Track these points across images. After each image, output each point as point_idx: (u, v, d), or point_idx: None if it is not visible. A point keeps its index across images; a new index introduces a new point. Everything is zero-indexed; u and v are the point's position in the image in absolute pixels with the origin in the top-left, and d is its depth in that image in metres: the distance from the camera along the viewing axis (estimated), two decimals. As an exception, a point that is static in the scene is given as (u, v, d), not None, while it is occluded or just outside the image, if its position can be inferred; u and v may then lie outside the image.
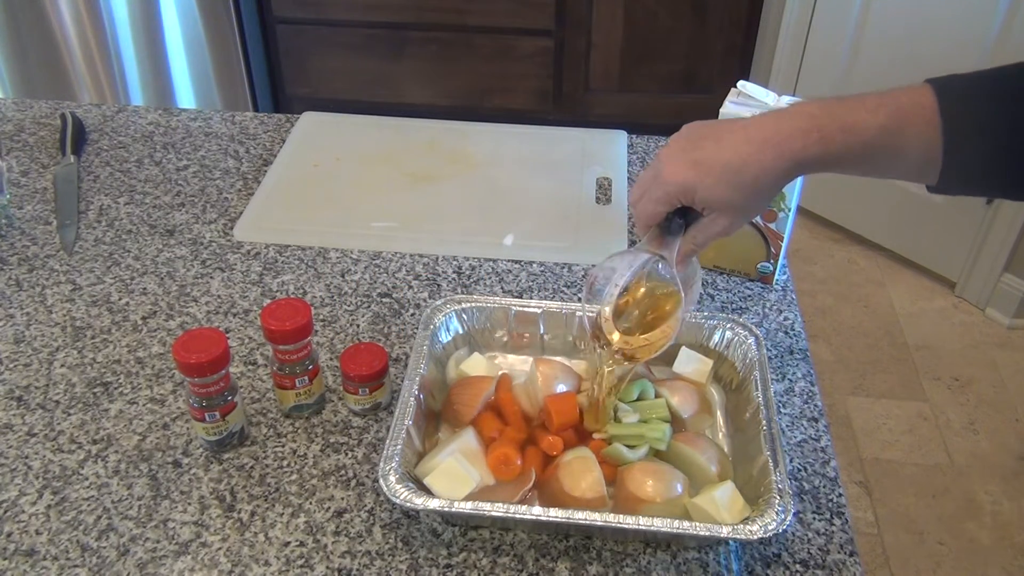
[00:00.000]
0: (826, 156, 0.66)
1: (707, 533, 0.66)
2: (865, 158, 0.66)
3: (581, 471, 0.71)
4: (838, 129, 0.65)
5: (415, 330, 0.91)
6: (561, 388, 0.79)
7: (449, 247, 1.05)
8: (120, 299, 0.96)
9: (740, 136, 0.68)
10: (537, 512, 0.67)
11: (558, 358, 0.85)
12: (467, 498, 0.70)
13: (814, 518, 0.74)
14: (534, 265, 1.02)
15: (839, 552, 0.71)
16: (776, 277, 1.00)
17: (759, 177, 0.67)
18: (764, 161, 0.66)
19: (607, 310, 0.78)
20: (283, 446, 0.80)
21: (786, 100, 0.92)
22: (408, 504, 0.67)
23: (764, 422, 0.74)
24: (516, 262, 1.03)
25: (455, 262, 1.03)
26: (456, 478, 0.71)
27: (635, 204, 0.74)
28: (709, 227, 0.72)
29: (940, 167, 0.64)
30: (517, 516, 0.67)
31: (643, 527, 0.66)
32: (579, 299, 0.97)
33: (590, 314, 0.79)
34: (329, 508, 0.74)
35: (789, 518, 0.66)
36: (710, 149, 0.69)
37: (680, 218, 0.74)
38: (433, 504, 0.68)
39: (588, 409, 0.78)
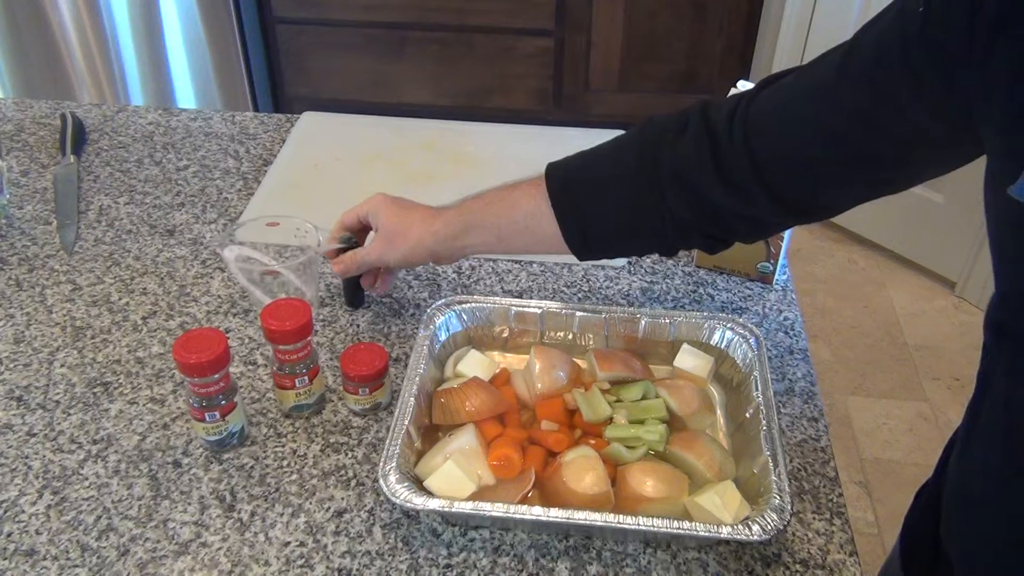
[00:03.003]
0: (460, 221, 0.83)
1: (707, 533, 0.66)
2: (486, 219, 0.83)
3: (584, 468, 0.72)
4: (471, 201, 0.85)
5: (415, 330, 0.91)
6: (559, 376, 0.80)
7: (449, 247, 1.04)
8: (120, 299, 0.96)
9: (425, 211, 0.87)
10: (537, 512, 0.67)
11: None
12: (467, 498, 0.70)
13: (814, 518, 0.74)
14: (534, 265, 1.02)
15: (839, 552, 0.71)
16: (776, 277, 1.00)
17: (412, 226, 0.86)
18: (421, 216, 0.86)
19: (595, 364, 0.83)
20: (283, 446, 0.80)
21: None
22: (408, 504, 0.67)
23: (764, 422, 0.74)
24: (516, 262, 1.03)
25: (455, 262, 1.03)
26: (456, 480, 0.71)
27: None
28: (368, 244, 0.89)
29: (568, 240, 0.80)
30: (517, 516, 0.67)
31: (643, 527, 0.66)
32: (579, 299, 0.97)
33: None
34: (329, 508, 0.74)
35: (789, 518, 0.66)
36: (407, 204, 0.88)
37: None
38: (433, 504, 0.68)
39: (583, 401, 0.78)
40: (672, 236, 0.77)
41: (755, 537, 0.65)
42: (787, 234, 0.96)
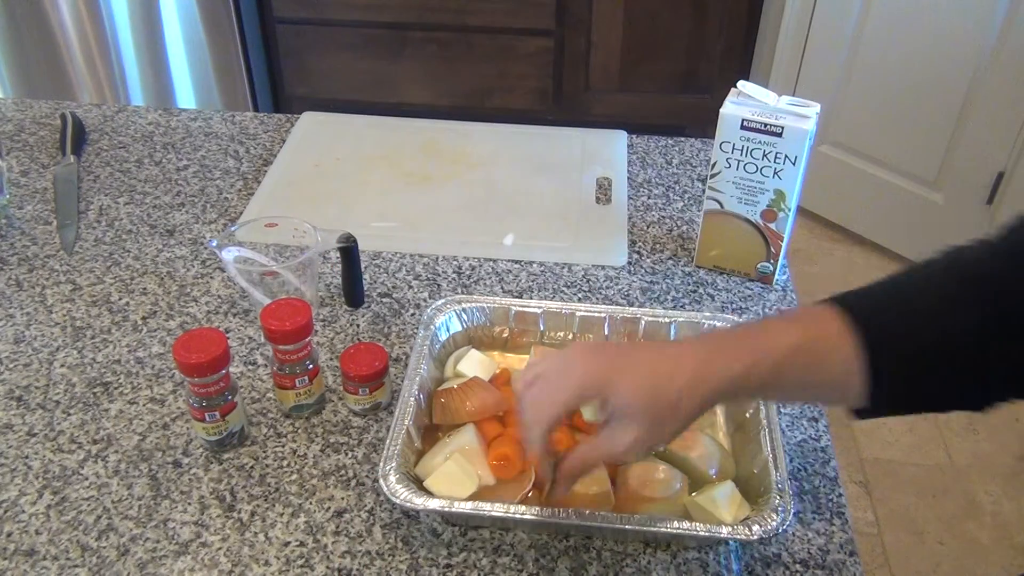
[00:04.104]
0: (743, 381, 0.60)
1: (707, 533, 0.66)
2: (782, 376, 0.61)
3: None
4: (753, 350, 0.61)
5: (415, 330, 0.91)
6: None
7: (449, 247, 1.05)
8: (120, 299, 0.96)
9: (655, 352, 0.64)
10: (537, 512, 0.67)
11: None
12: (467, 498, 0.70)
13: (814, 518, 0.74)
14: (534, 265, 1.02)
15: (839, 552, 0.71)
16: (776, 277, 1.00)
17: (679, 398, 0.59)
18: (684, 383, 0.59)
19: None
20: (283, 446, 0.80)
21: (786, 100, 0.92)
22: (408, 504, 0.67)
23: (764, 422, 0.74)
24: (516, 262, 1.03)
25: (455, 262, 1.03)
26: (456, 480, 0.71)
27: (528, 409, 0.63)
28: (613, 436, 0.61)
29: (863, 384, 0.60)
30: (517, 516, 0.67)
31: (643, 527, 0.66)
32: (579, 299, 0.97)
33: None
34: (329, 508, 0.74)
35: (789, 518, 0.66)
36: (624, 352, 0.64)
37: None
38: (433, 504, 0.68)
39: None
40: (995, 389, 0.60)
41: (755, 537, 0.65)
42: (787, 234, 0.96)
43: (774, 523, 0.66)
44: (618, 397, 0.60)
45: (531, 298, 0.97)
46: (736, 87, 0.94)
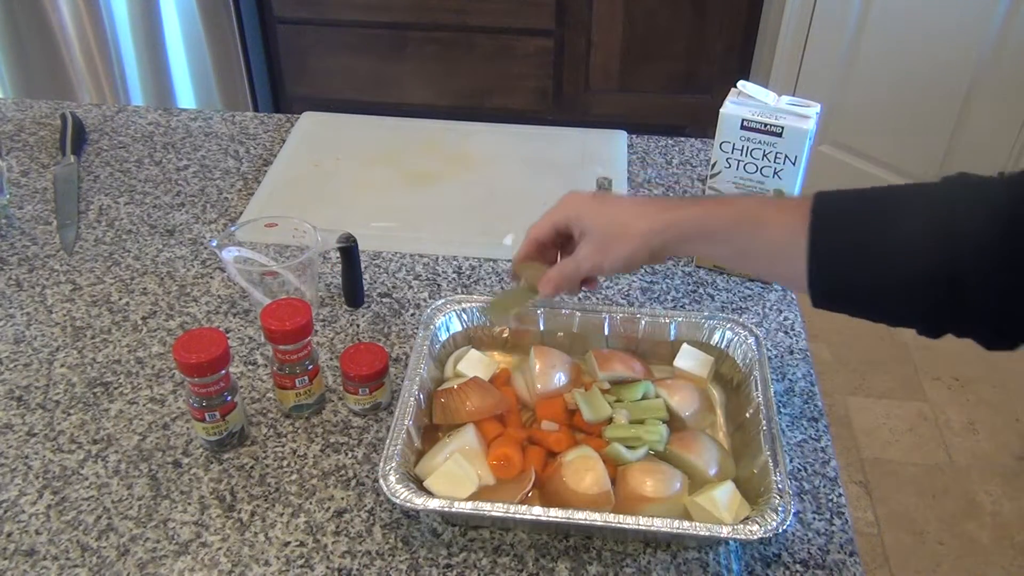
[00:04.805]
0: (696, 221, 0.71)
1: (707, 533, 0.66)
2: (731, 229, 0.70)
3: (585, 468, 0.72)
4: (712, 202, 0.74)
5: (415, 330, 0.91)
6: (559, 376, 0.80)
7: (449, 247, 1.05)
8: (120, 299, 0.96)
9: (632, 199, 0.79)
10: (537, 512, 0.67)
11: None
12: (467, 498, 0.70)
13: (814, 518, 0.74)
14: (534, 265, 1.02)
15: (839, 552, 0.71)
16: (776, 277, 1.00)
17: (630, 223, 0.73)
18: (640, 211, 0.74)
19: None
20: (283, 446, 0.80)
21: (786, 100, 0.92)
22: (408, 504, 0.67)
23: (764, 422, 0.74)
24: (516, 262, 1.03)
25: (455, 262, 1.03)
26: (456, 480, 0.71)
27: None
28: (577, 253, 0.76)
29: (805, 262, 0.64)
30: (517, 516, 0.67)
31: (643, 527, 0.66)
32: (579, 299, 0.97)
33: None
34: (329, 508, 0.74)
35: (789, 518, 0.66)
36: (609, 198, 0.79)
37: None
38: (433, 504, 0.68)
39: (583, 401, 0.78)
40: (952, 317, 0.61)
41: (755, 537, 0.65)
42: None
43: (774, 523, 0.66)
44: (583, 219, 0.75)
45: (531, 298, 0.97)
46: (736, 87, 0.94)
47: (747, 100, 0.93)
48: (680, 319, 0.86)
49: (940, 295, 0.60)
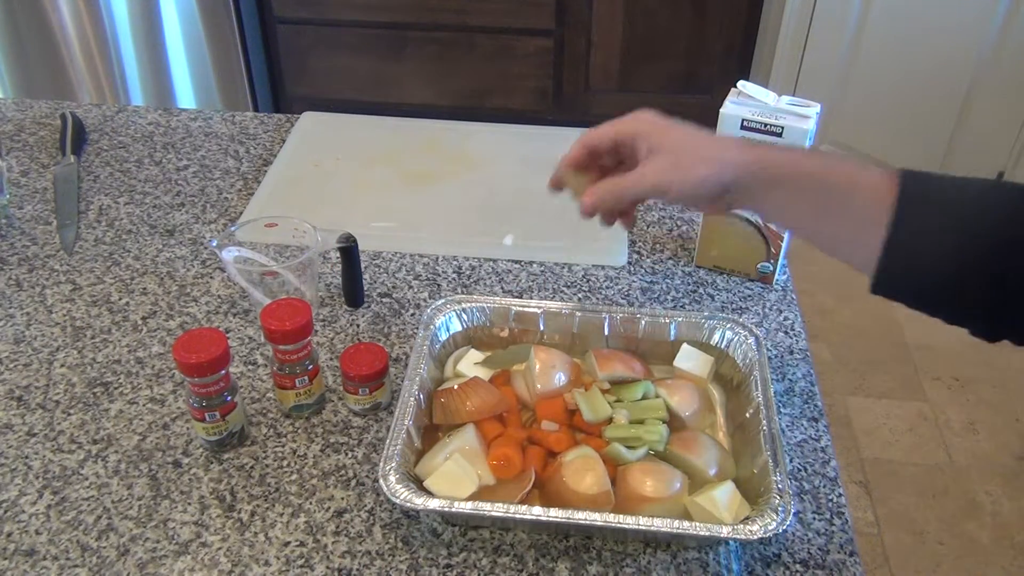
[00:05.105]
0: (780, 165, 0.66)
1: (707, 533, 0.66)
2: (817, 181, 0.65)
3: (585, 468, 0.72)
4: (798, 151, 0.69)
5: (415, 330, 0.91)
6: (559, 376, 0.80)
7: (449, 247, 1.05)
8: (120, 299, 0.96)
9: (715, 136, 0.71)
10: (537, 512, 0.67)
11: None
12: (467, 498, 0.70)
13: (814, 518, 0.74)
14: (534, 265, 1.02)
15: (839, 552, 0.71)
16: (776, 277, 1.00)
17: (712, 145, 0.68)
18: (722, 141, 0.69)
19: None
20: (283, 446, 0.80)
21: (786, 100, 0.92)
22: (408, 504, 0.67)
23: (764, 422, 0.74)
24: (516, 262, 1.03)
25: (455, 262, 1.03)
26: (456, 480, 0.71)
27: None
28: (644, 167, 0.69)
29: (884, 239, 0.60)
30: (517, 516, 0.67)
31: (643, 527, 0.66)
32: (579, 299, 0.97)
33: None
34: (329, 508, 0.74)
35: (789, 518, 0.66)
36: (689, 126, 0.71)
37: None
38: (433, 504, 0.68)
39: (583, 401, 0.78)
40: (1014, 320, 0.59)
41: (755, 537, 0.65)
42: (787, 234, 0.96)
43: (774, 523, 0.66)
44: (659, 132, 0.69)
45: (531, 298, 0.97)
46: (736, 87, 0.94)
47: (747, 100, 0.93)
48: (680, 319, 0.86)
49: (1007, 297, 0.58)
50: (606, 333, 0.86)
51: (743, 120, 0.91)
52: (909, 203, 0.59)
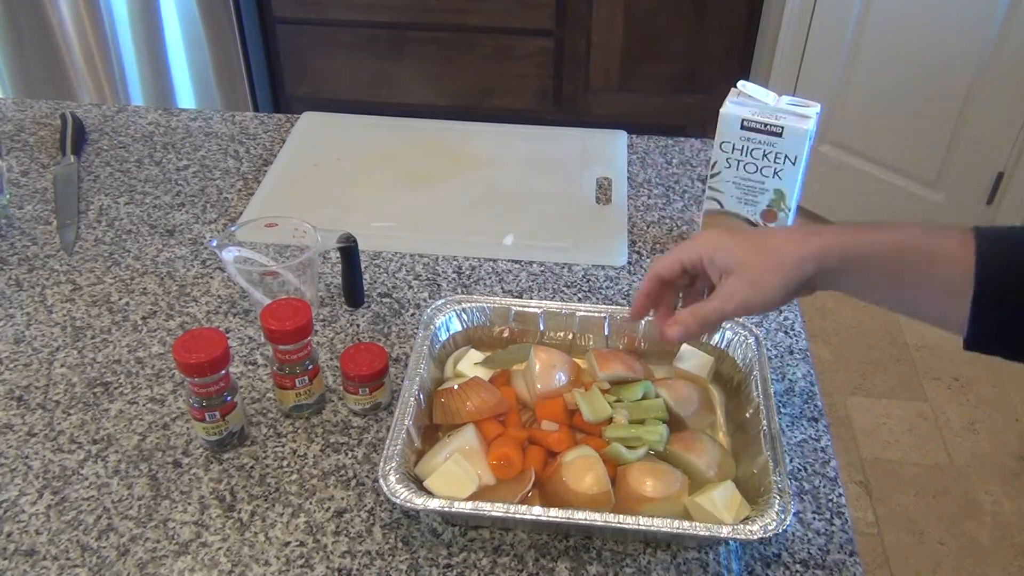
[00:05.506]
0: (856, 248, 0.66)
1: (707, 533, 0.66)
2: (894, 259, 0.65)
3: (585, 468, 0.72)
4: (867, 228, 0.66)
5: (415, 330, 0.91)
6: (559, 376, 0.80)
7: (449, 247, 1.05)
8: (120, 299, 0.96)
9: (782, 231, 0.70)
10: (537, 512, 0.67)
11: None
12: (467, 498, 0.70)
13: (814, 518, 0.74)
14: (534, 265, 1.02)
15: (839, 552, 0.71)
16: (776, 277, 1.00)
17: (781, 249, 0.67)
18: (788, 238, 0.67)
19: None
20: (283, 446, 0.80)
21: (786, 100, 0.92)
22: (408, 504, 0.67)
23: (764, 422, 0.74)
24: (516, 262, 1.03)
25: (455, 262, 1.03)
26: (456, 480, 0.71)
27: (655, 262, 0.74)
28: (721, 292, 0.69)
29: (970, 296, 0.61)
30: (517, 516, 0.67)
31: (643, 527, 0.66)
32: (579, 299, 0.97)
33: None
34: (329, 508, 0.74)
35: (789, 518, 0.66)
36: (749, 230, 0.70)
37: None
38: (433, 504, 0.68)
39: (583, 401, 0.78)
40: None
41: (755, 537, 0.65)
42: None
43: (774, 523, 0.66)
44: (724, 253, 0.68)
45: (531, 298, 0.97)
46: (736, 87, 0.94)
47: (747, 100, 0.93)
48: (680, 319, 0.85)
49: None
50: (606, 333, 0.86)
51: (743, 120, 0.91)
52: (990, 270, 0.60)
